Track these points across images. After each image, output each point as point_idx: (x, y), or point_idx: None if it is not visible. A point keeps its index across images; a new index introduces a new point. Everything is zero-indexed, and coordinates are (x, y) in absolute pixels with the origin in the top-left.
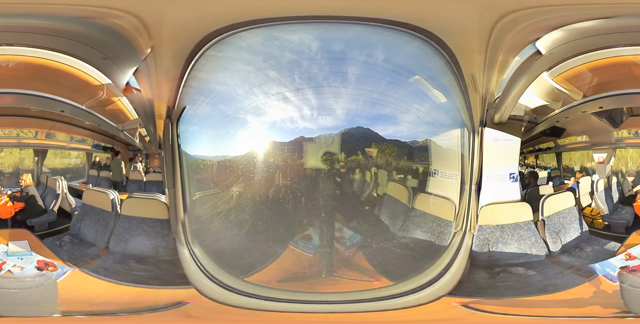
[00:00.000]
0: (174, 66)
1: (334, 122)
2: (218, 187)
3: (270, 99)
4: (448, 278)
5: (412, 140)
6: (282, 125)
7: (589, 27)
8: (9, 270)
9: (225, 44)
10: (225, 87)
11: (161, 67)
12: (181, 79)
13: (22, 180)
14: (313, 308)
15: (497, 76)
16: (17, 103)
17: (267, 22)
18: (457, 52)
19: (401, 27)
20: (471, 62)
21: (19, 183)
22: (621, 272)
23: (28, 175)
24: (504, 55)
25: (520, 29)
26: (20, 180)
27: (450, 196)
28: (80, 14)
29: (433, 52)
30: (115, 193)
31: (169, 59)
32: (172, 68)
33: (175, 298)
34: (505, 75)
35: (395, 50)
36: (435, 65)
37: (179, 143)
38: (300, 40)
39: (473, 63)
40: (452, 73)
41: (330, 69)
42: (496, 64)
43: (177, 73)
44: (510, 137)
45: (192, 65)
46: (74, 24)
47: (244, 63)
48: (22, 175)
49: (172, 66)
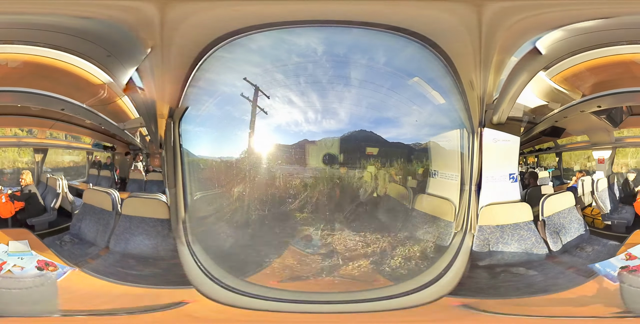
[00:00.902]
0: (179, 66)
1: (337, 125)
2: (218, 187)
3: (275, 101)
4: (448, 278)
5: (412, 141)
6: (287, 128)
7: (585, 25)
8: (9, 269)
9: (234, 45)
10: (232, 89)
11: (166, 66)
12: (187, 79)
13: (22, 179)
14: (313, 308)
15: (494, 77)
16: (17, 102)
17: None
18: (452, 55)
19: (399, 32)
20: (467, 63)
21: (19, 182)
22: (621, 272)
23: (28, 174)
24: (498, 55)
25: (510, 27)
26: (20, 179)
27: (450, 197)
28: (84, 10)
29: (430, 55)
30: (116, 193)
31: (175, 59)
32: (177, 68)
33: (175, 298)
34: (502, 76)
35: (394, 53)
36: (433, 68)
37: (180, 142)
38: (306, 43)
39: (469, 65)
40: (449, 75)
41: (334, 73)
42: (491, 65)
43: (182, 73)
44: (510, 137)
45: (199, 65)
46: (78, 21)
47: (252, 65)
48: (22, 174)
49: (177, 66)
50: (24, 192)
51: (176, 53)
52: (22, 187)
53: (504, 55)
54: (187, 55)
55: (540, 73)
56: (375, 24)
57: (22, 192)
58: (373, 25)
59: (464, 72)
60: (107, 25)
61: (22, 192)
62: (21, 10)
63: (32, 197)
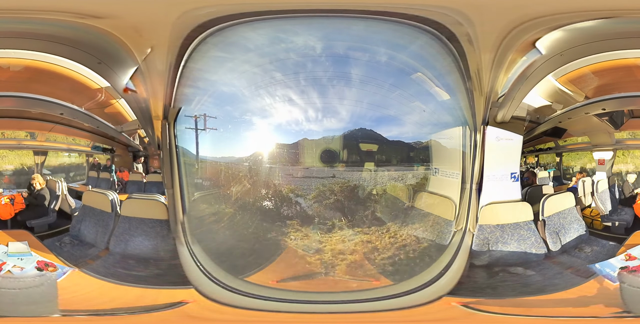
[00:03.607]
0: (168, 67)
1: (338, 123)
2: (213, 186)
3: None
4: (448, 278)
5: (413, 138)
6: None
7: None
8: (9, 270)
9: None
10: (222, 87)
11: (154, 68)
12: (174, 79)
13: (36, 183)
14: (313, 308)
15: (504, 75)
16: (17, 106)
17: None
18: (467, 49)
19: (412, 20)
20: (479, 59)
21: (31, 184)
22: (621, 272)
23: (39, 177)
24: (514, 54)
25: (537, 33)
26: (33, 182)
27: (451, 196)
28: (70, 20)
29: (441, 48)
30: (115, 194)
31: (162, 60)
32: (165, 69)
33: (175, 298)
34: (511, 74)
35: (403, 46)
36: (442, 63)
37: (176, 143)
38: (303, 36)
39: (481, 61)
40: (458, 71)
41: (335, 70)
42: (505, 63)
43: (170, 74)
44: (513, 136)
45: (184, 64)
46: (67, 30)
47: (241, 61)
48: (33, 178)
49: (165, 67)
50: (39, 195)
51: (164, 53)
52: (35, 190)
53: (518, 54)
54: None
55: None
56: (388, 12)
57: (36, 194)
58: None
59: (474, 68)
60: (94, 33)
61: (35, 194)
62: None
63: (43, 200)
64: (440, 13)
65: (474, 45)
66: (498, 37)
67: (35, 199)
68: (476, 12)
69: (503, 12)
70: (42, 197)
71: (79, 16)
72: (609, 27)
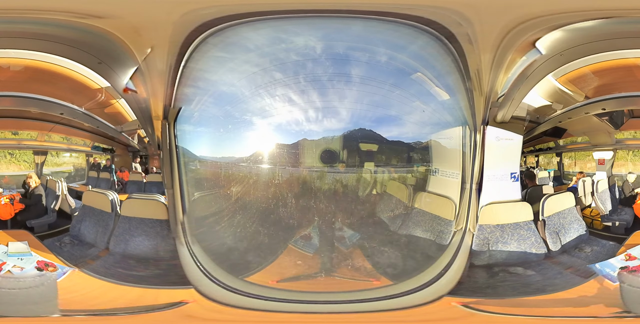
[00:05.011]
0: (168, 67)
1: (338, 123)
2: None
3: (276, 101)
4: (448, 278)
5: (413, 138)
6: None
7: (599, 30)
8: (9, 270)
9: (222, 42)
10: (222, 87)
11: (154, 68)
12: (174, 79)
13: (32, 182)
14: (313, 308)
15: (503, 75)
16: (16, 106)
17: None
18: (466, 49)
19: (412, 20)
20: (479, 59)
21: (27, 183)
22: (621, 272)
23: (34, 176)
24: (514, 54)
25: (537, 32)
26: (28, 181)
27: (451, 195)
28: (70, 20)
29: (441, 48)
30: (115, 194)
31: (162, 60)
32: (165, 69)
33: (175, 298)
34: (511, 74)
35: (403, 46)
36: (442, 63)
37: (176, 143)
38: (304, 36)
39: (481, 61)
40: (458, 71)
41: (335, 70)
42: (504, 63)
43: (170, 74)
44: (512, 135)
45: (184, 64)
46: (67, 30)
47: (241, 61)
48: (28, 176)
49: (165, 67)
50: (34, 194)
51: (164, 53)
52: (31, 189)
53: (518, 54)
54: (179, 53)
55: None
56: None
57: (31, 194)
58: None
59: (474, 68)
60: (94, 33)
61: (31, 194)
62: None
63: (39, 199)
64: (440, 13)
65: (474, 45)
66: (498, 37)
67: (29, 198)
68: (476, 12)
69: (503, 12)
70: (36, 196)
71: (79, 16)
72: (609, 27)
